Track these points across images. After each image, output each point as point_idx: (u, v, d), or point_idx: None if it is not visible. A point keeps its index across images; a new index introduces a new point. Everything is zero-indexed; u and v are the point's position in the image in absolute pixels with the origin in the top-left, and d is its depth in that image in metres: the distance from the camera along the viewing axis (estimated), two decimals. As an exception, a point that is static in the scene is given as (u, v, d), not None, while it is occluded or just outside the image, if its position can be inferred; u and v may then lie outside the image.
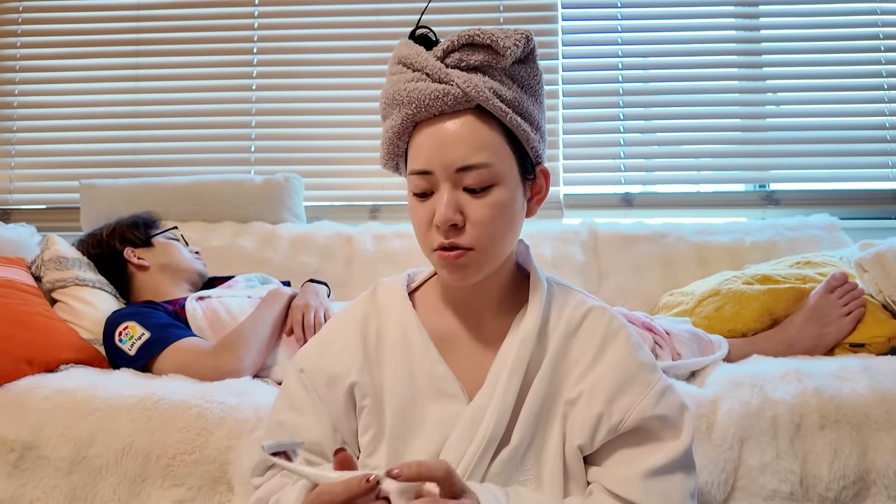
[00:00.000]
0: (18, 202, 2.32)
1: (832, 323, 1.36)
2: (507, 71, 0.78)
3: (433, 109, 0.76)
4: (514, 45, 0.75)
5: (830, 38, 2.20)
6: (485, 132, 0.76)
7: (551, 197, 2.15)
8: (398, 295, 0.88)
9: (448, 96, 0.75)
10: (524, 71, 0.79)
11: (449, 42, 0.77)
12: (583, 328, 0.82)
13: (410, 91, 0.76)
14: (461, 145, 0.75)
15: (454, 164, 0.75)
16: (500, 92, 0.76)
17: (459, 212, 0.75)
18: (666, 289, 1.78)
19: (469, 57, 0.76)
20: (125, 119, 2.32)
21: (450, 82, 0.75)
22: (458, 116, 0.76)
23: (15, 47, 2.37)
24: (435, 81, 0.76)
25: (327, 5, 2.31)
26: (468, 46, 0.76)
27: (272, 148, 2.29)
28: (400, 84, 0.78)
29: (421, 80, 0.77)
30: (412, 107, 0.76)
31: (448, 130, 0.76)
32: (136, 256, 1.59)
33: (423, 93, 0.75)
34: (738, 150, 2.19)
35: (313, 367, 0.85)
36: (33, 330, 1.32)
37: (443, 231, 0.76)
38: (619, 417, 0.77)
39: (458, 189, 0.76)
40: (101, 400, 1.12)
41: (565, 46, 2.25)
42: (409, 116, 0.77)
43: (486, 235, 0.76)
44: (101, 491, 1.06)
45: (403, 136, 0.80)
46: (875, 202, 2.13)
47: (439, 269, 0.80)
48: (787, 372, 1.15)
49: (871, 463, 1.04)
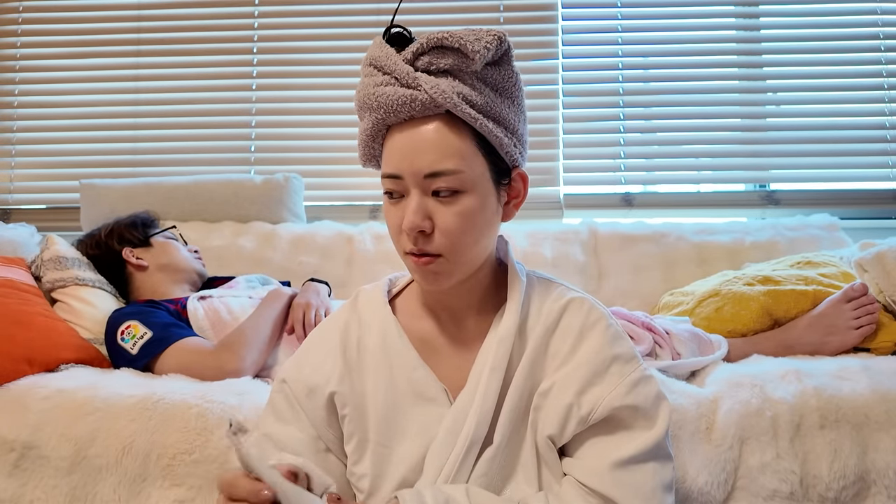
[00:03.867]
0: (18, 202, 2.32)
1: (838, 333, 1.34)
2: (479, 74, 0.76)
3: (401, 115, 0.75)
4: (485, 49, 0.74)
5: (830, 38, 2.20)
6: (453, 139, 0.75)
7: (551, 197, 2.16)
8: (378, 301, 0.88)
9: (416, 102, 0.74)
10: (497, 73, 0.78)
11: (419, 45, 0.76)
12: (562, 321, 0.82)
13: (379, 96, 0.76)
14: (429, 152, 0.74)
15: (422, 171, 0.74)
16: (469, 97, 0.75)
17: (428, 218, 0.75)
18: (666, 289, 1.78)
19: (438, 60, 0.75)
20: (125, 119, 2.32)
21: (418, 87, 0.74)
22: (429, 122, 0.75)
23: (15, 47, 2.37)
24: (403, 86, 0.75)
25: (327, 5, 2.31)
26: (437, 49, 0.75)
27: (272, 148, 2.29)
28: (370, 88, 0.77)
29: (390, 84, 0.76)
30: (381, 112, 0.76)
31: (417, 136, 0.75)
32: (135, 256, 1.59)
33: (391, 98, 0.75)
34: (738, 150, 2.19)
35: (294, 378, 0.85)
36: (33, 330, 1.32)
37: (411, 238, 0.75)
38: (589, 409, 0.77)
39: (427, 195, 0.76)
40: (102, 400, 1.12)
41: (565, 46, 2.25)
42: (379, 121, 0.77)
43: (454, 243, 0.76)
44: (102, 491, 1.06)
45: (377, 138, 0.80)
46: (875, 202, 2.13)
47: (413, 274, 0.80)
48: (787, 372, 1.15)
49: (871, 463, 1.04)
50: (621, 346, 0.81)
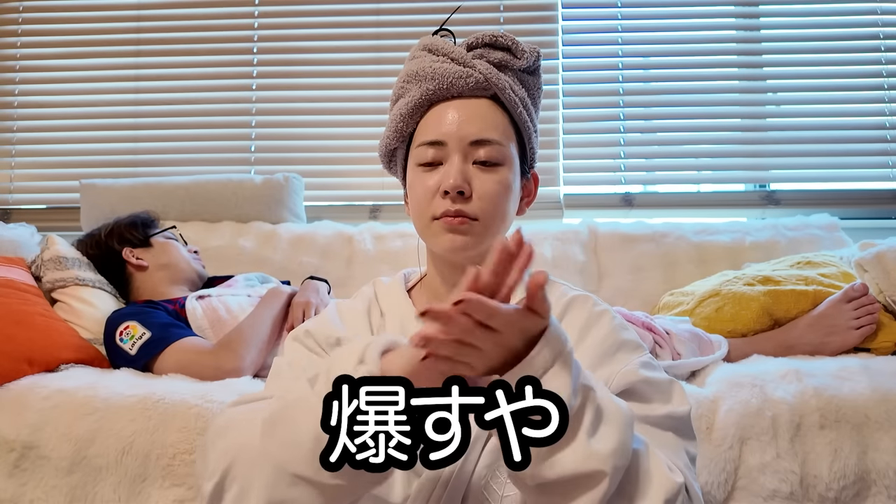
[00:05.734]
0: (18, 202, 2.32)
1: (838, 333, 1.34)
2: (519, 75, 0.85)
3: (454, 89, 0.81)
4: (530, 53, 0.84)
5: (830, 38, 2.20)
6: (499, 117, 0.82)
7: (551, 197, 2.16)
8: (398, 291, 0.89)
9: (470, 78, 0.81)
10: (531, 80, 0.86)
11: (474, 38, 0.84)
12: (567, 316, 0.82)
13: (436, 69, 0.82)
14: (478, 121, 0.81)
15: (469, 137, 0.80)
16: (514, 87, 0.83)
17: (467, 182, 0.79)
18: (666, 289, 1.78)
19: (490, 54, 0.83)
20: (125, 119, 2.32)
21: (473, 67, 0.82)
22: (476, 99, 0.82)
23: (15, 47, 2.36)
24: (459, 65, 0.82)
25: (327, 5, 2.31)
26: (490, 45, 0.84)
27: (272, 148, 2.29)
28: (425, 63, 0.83)
29: (446, 62, 0.83)
30: (434, 83, 0.81)
31: (466, 107, 0.81)
32: (135, 256, 1.58)
33: (448, 72, 0.81)
34: (738, 150, 2.19)
35: (320, 331, 0.84)
36: (33, 330, 1.32)
37: (451, 197, 0.78)
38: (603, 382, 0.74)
39: (467, 163, 0.80)
40: (101, 400, 1.12)
41: (565, 46, 2.25)
42: (429, 91, 0.82)
43: (491, 208, 0.80)
44: (102, 490, 1.06)
45: (416, 114, 0.84)
46: (875, 202, 2.13)
47: (438, 236, 0.81)
48: (787, 372, 1.15)
49: (871, 463, 1.04)
50: (628, 335, 0.81)
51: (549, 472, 0.60)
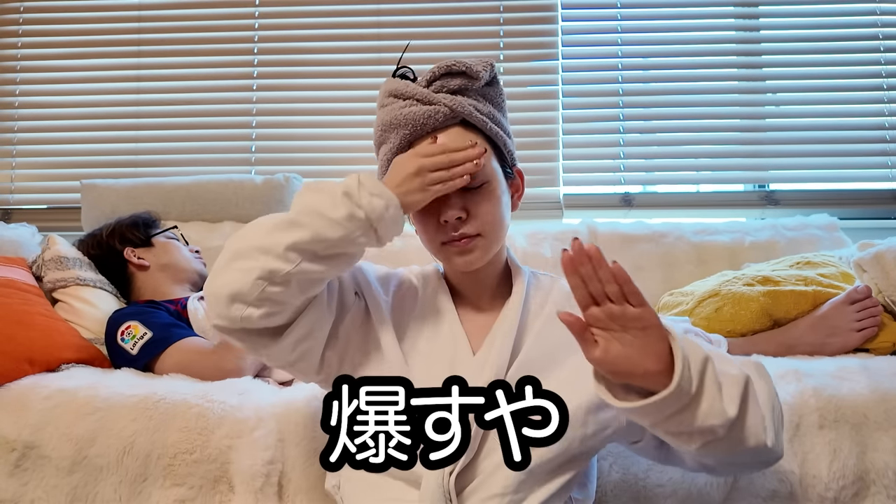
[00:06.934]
0: (19, 202, 2.32)
1: (839, 335, 1.34)
2: (480, 91, 0.92)
3: (427, 127, 0.89)
4: (484, 70, 0.90)
5: (830, 39, 2.20)
6: (474, 138, 0.90)
7: (551, 197, 2.16)
8: (432, 273, 1.02)
9: (438, 114, 0.88)
10: (492, 91, 0.94)
11: (430, 73, 0.91)
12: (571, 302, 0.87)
13: (406, 115, 0.89)
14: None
15: None
16: (478, 107, 0.91)
17: (463, 208, 0.88)
18: (666, 289, 1.78)
19: (449, 82, 0.90)
20: (126, 119, 2.32)
21: (438, 103, 0.89)
22: (448, 129, 0.90)
23: (16, 47, 2.37)
24: (425, 104, 0.89)
25: (327, 6, 2.31)
26: (447, 75, 0.90)
27: (272, 148, 2.29)
28: (395, 111, 0.90)
29: (413, 105, 0.89)
30: (409, 128, 0.89)
31: (442, 139, 0.89)
32: (136, 256, 1.59)
33: (418, 114, 0.89)
34: (737, 150, 2.20)
35: (368, 268, 0.99)
36: (34, 329, 1.32)
37: (452, 225, 0.88)
38: None
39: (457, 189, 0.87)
40: (102, 399, 1.12)
41: (565, 47, 2.25)
42: (406, 136, 0.90)
43: (490, 221, 0.89)
44: (102, 490, 1.06)
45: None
46: (875, 202, 2.13)
47: (451, 259, 0.92)
48: (787, 372, 1.15)
49: (870, 463, 1.04)
50: None
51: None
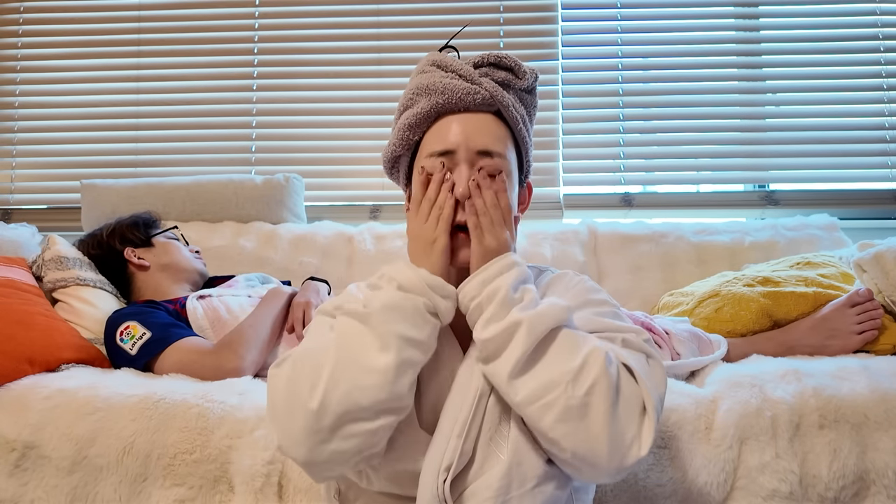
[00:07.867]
0: (19, 202, 2.33)
1: (840, 337, 1.34)
2: (519, 94, 0.92)
3: (462, 104, 0.88)
4: (530, 74, 0.92)
5: (830, 39, 2.21)
6: (502, 131, 0.90)
7: (551, 197, 2.16)
8: None
9: (478, 95, 0.88)
10: (529, 99, 0.94)
11: (479, 57, 0.91)
12: (550, 289, 0.91)
13: (446, 84, 0.88)
14: (484, 133, 0.88)
15: (476, 147, 0.86)
16: (515, 105, 0.91)
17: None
18: (666, 289, 1.78)
19: (495, 73, 0.90)
20: (126, 119, 2.32)
21: (480, 85, 0.88)
22: (481, 114, 0.89)
23: (16, 47, 2.37)
24: (468, 82, 0.89)
25: (327, 6, 2.31)
26: (495, 65, 0.91)
27: (272, 148, 2.29)
28: (435, 77, 0.90)
29: (455, 78, 0.89)
30: (444, 96, 0.88)
31: (474, 120, 0.88)
32: (137, 256, 1.59)
33: (458, 87, 0.88)
34: (737, 150, 2.20)
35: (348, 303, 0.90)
36: (34, 329, 1.32)
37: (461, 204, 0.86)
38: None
39: (473, 171, 0.86)
40: (102, 399, 1.13)
41: (565, 47, 2.25)
42: (438, 104, 0.88)
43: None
44: (102, 490, 1.06)
45: (423, 125, 0.90)
46: (875, 202, 2.13)
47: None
48: (787, 372, 1.15)
49: (870, 463, 1.04)
50: (602, 295, 0.89)
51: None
